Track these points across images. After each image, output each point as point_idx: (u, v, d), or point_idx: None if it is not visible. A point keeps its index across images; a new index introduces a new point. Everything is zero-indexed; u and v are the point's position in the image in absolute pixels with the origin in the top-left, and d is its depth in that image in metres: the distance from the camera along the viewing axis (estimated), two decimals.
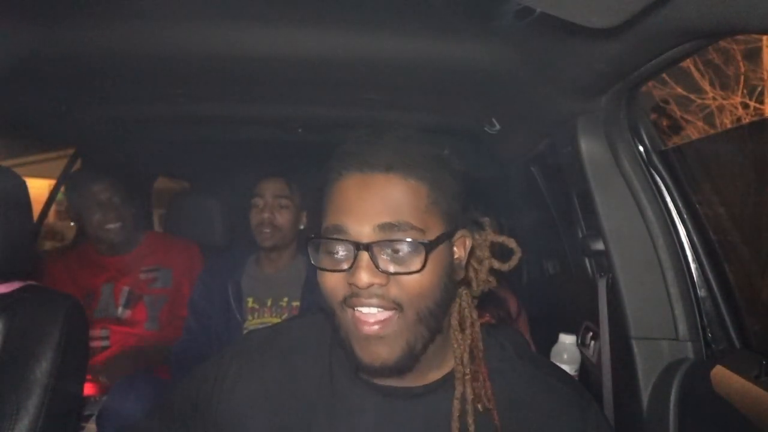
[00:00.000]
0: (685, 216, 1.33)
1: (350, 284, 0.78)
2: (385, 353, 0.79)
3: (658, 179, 1.35)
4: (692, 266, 1.32)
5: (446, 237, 0.82)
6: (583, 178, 1.40)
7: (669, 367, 1.27)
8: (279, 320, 1.96)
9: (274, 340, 0.96)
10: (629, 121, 1.34)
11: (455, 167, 0.87)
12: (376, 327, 0.78)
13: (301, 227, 2.06)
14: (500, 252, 0.95)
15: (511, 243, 0.93)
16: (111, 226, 2.09)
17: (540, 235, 2.46)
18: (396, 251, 0.78)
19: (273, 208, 1.97)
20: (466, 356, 0.86)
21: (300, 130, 2.32)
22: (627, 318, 1.32)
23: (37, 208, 1.61)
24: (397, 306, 0.79)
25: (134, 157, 2.53)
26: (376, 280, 0.77)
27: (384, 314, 0.78)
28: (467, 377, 0.85)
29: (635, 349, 1.31)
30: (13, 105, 1.75)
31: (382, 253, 0.78)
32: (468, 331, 0.87)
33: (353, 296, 0.79)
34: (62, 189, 2.51)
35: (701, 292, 1.31)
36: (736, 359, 1.16)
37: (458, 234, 0.86)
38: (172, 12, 1.24)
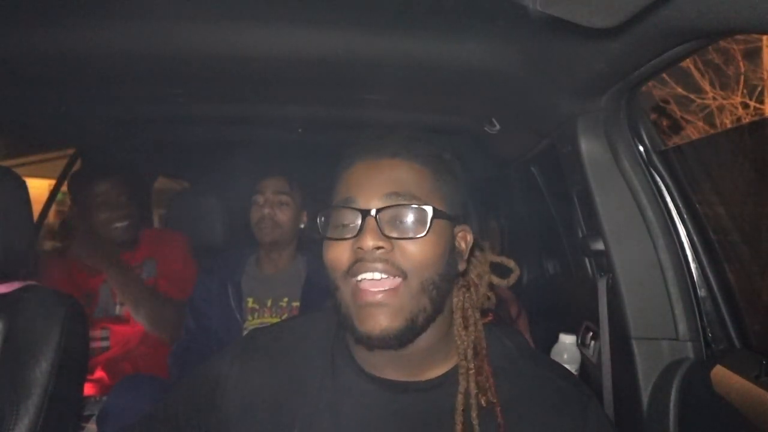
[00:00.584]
0: (685, 216, 1.33)
1: (357, 249, 0.81)
2: (386, 322, 0.81)
3: (658, 179, 1.35)
4: (692, 266, 1.32)
5: (448, 217, 0.86)
6: (583, 178, 1.40)
7: (669, 367, 1.27)
8: (279, 320, 1.96)
9: (277, 338, 0.97)
10: (629, 121, 1.34)
11: (456, 169, 0.92)
12: (379, 296, 0.81)
13: (301, 226, 2.06)
14: (500, 269, 0.99)
15: (510, 263, 0.98)
16: (119, 224, 2.09)
17: (540, 235, 2.46)
18: (401, 219, 0.83)
19: (273, 204, 1.97)
20: (470, 352, 0.87)
21: (300, 130, 2.32)
22: (627, 318, 1.32)
23: (37, 208, 1.61)
24: (401, 274, 0.82)
25: (134, 157, 2.53)
26: (381, 243, 0.81)
27: (389, 282, 0.81)
28: (471, 372, 0.86)
29: (635, 349, 1.31)
30: (13, 105, 1.76)
31: (388, 219, 0.83)
32: (471, 329, 0.89)
33: (358, 262, 0.82)
34: (62, 189, 2.51)
35: (701, 292, 1.31)
36: (736, 359, 1.17)
37: (460, 227, 0.90)
38: (172, 12, 1.24)
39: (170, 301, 2.07)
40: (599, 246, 1.43)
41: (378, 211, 0.82)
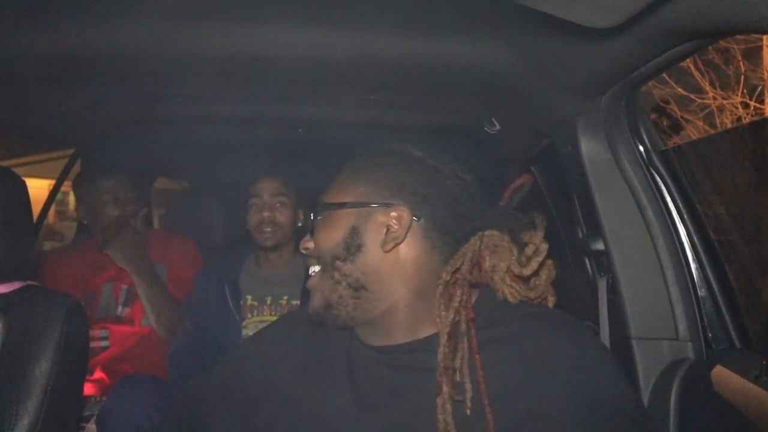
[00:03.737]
0: (685, 216, 1.33)
1: None
2: (313, 303, 0.97)
3: (658, 179, 1.35)
4: (692, 266, 1.32)
5: (342, 207, 0.96)
6: (583, 178, 1.40)
7: (669, 367, 1.27)
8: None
9: (295, 325, 1.05)
10: (629, 121, 1.34)
11: (412, 160, 0.98)
12: (312, 280, 0.98)
13: (299, 224, 2.06)
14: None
15: (540, 242, 0.95)
16: (131, 221, 2.08)
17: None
18: (311, 219, 1.02)
19: (272, 206, 1.98)
20: (444, 340, 0.88)
21: (300, 130, 2.32)
22: (627, 318, 1.32)
23: (37, 208, 1.61)
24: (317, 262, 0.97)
25: (134, 157, 2.53)
26: (306, 245, 1.00)
27: (314, 273, 0.98)
28: (446, 350, 0.87)
29: (635, 349, 1.31)
30: (13, 105, 1.75)
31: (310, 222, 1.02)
32: (452, 308, 0.90)
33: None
34: (62, 189, 2.51)
35: (701, 292, 1.31)
36: (736, 359, 1.16)
37: (386, 210, 0.94)
38: (173, 12, 1.24)
39: (181, 305, 2.07)
40: (599, 246, 1.43)
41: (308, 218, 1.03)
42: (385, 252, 0.92)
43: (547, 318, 0.94)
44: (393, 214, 0.93)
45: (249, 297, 2.00)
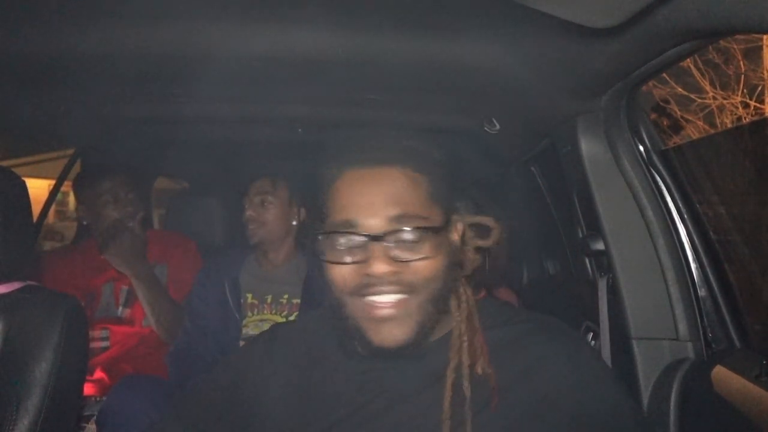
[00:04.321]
0: (685, 216, 1.33)
1: (365, 275, 0.82)
2: (399, 333, 0.83)
3: (658, 179, 1.35)
4: (692, 266, 1.32)
5: (447, 223, 0.87)
6: (583, 178, 1.40)
7: (669, 367, 1.27)
8: (279, 317, 1.96)
9: (296, 332, 1.03)
10: (629, 121, 1.34)
11: (439, 157, 0.92)
12: (390, 310, 0.83)
13: (294, 223, 2.07)
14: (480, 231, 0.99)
15: (489, 221, 0.97)
16: (129, 224, 2.08)
17: (540, 235, 2.46)
18: (406, 240, 0.83)
19: (256, 205, 2.00)
20: (463, 326, 0.89)
21: (300, 130, 2.32)
22: (627, 318, 1.32)
23: (37, 208, 1.61)
24: (410, 290, 0.83)
25: (134, 157, 2.53)
26: (392, 269, 0.82)
27: (398, 297, 0.83)
28: (464, 343, 0.88)
29: (635, 349, 1.31)
30: (14, 105, 1.75)
31: (395, 242, 0.83)
32: (464, 305, 0.91)
33: (368, 286, 0.83)
34: (62, 189, 2.51)
35: (701, 292, 1.31)
36: (736, 359, 1.17)
37: (453, 219, 0.91)
38: (172, 12, 1.24)
39: (181, 307, 2.07)
40: (599, 246, 1.43)
41: (384, 236, 0.82)
42: (452, 267, 0.90)
43: (546, 324, 0.95)
44: (458, 225, 0.92)
45: (249, 295, 2.00)
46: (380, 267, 0.81)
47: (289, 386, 0.95)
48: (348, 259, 0.84)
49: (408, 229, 0.82)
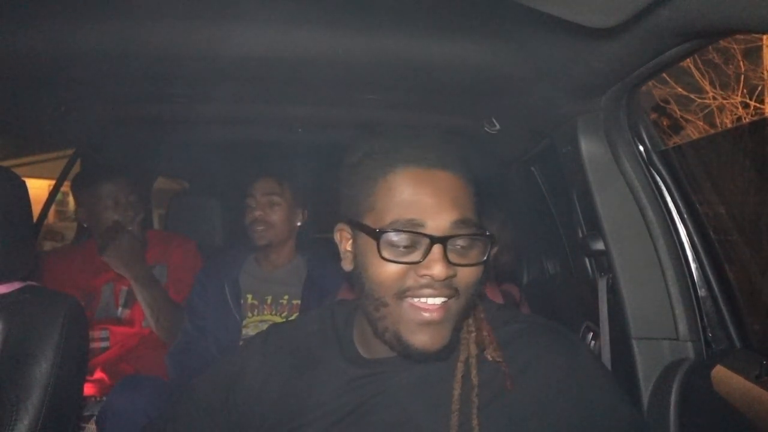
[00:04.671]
0: (685, 216, 1.33)
1: (423, 276, 0.82)
2: (440, 338, 0.84)
3: (658, 179, 1.35)
4: (692, 266, 1.32)
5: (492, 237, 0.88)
6: (583, 178, 1.40)
7: (669, 367, 1.27)
8: (279, 318, 1.96)
9: (293, 333, 1.02)
10: (629, 121, 1.34)
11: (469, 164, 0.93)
12: (437, 314, 0.83)
13: (298, 224, 2.06)
14: None
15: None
16: (130, 228, 2.07)
17: (540, 235, 2.46)
18: (462, 245, 0.84)
19: (264, 206, 1.98)
20: (470, 320, 0.91)
21: (300, 130, 2.32)
22: (627, 318, 1.32)
23: (37, 208, 1.61)
24: (456, 294, 0.84)
25: (134, 157, 2.53)
26: (450, 273, 0.82)
27: (444, 300, 0.84)
28: (472, 334, 0.89)
29: (635, 349, 1.31)
30: (13, 105, 1.75)
31: (453, 247, 0.83)
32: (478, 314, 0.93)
33: (423, 287, 0.83)
34: (62, 189, 2.51)
35: (701, 292, 1.31)
36: (736, 359, 1.16)
37: None
38: (172, 12, 1.24)
39: (181, 307, 2.07)
40: (599, 246, 1.43)
41: (448, 238, 0.82)
42: (485, 274, 0.92)
43: (544, 326, 0.96)
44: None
45: (249, 296, 2.00)
46: (441, 270, 0.81)
47: (286, 386, 0.95)
48: (405, 258, 0.83)
49: (469, 233, 0.83)
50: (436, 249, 0.81)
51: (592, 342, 1.61)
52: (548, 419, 0.85)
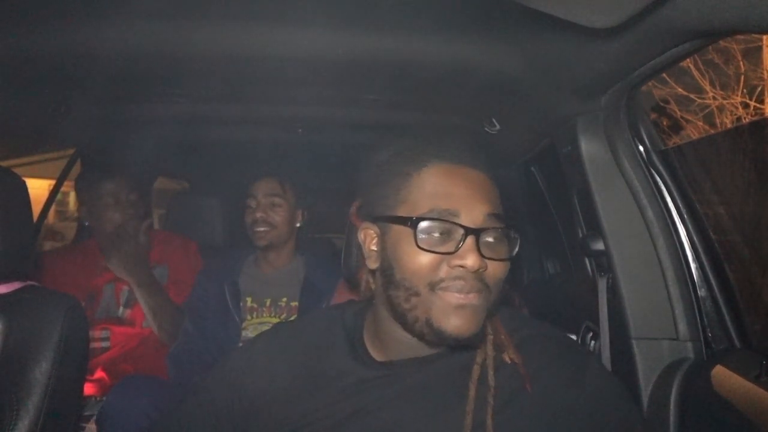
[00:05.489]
0: (685, 216, 1.33)
1: (456, 266, 0.83)
2: (474, 322, 0.84)
3: (658, 179, 1.34)
4: (692, 266, 1.32)
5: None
6: (583, 178, 1.40)
7: (669, 367, 1.27)
8: (278, 319, 1.96)
9: (299, 332, 1.02)
10: (629, 121, 1.34)
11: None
12: (467, 301, 0.83)
13: (298, 225, 2.06)
14: None
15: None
16: (132, 225, 2.07)
17: (540, 235, 2.46)
18: (494, 239, 0.86)
19: (266, 207, 1.98)
20: (487, 323, 0.91)
21: (300, 130, 2.32)
22: (627, 318, 1.32)
23: (37, 208, 1.61)
24: (486, 289, 0.85)
25: (134, 157, 2.52)
26: (482, 265, 0.83)
27: (475, 294, 0.84)
28: (489, 337, 0.90)
29: (635, 349, 1.31)
30: (13, 105, 1.75)
31: (485, 240, 0.85)
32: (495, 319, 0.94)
33: (455, 279, 0.83)
34: (62, 189, 2.51)
35: (701, 292, 1.31)
36: (736, 359, 1.16)
37: None
38: (173, 12, 1.24)
39: (181, 310, 2.07)
40: (599, 246, 1.43)
41: (482, 230, 0.84)
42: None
43: (555, 336, 0.97)
44: None
45: (249, 299, 2.00)
46: (475, 260, 0.82)
47: (293, 386, 0.95)
48: (440, 248, 0.83)
49: (501, 227, 0.85)
50: (470, 240, 0.82)
51: (592, 342, 1.61)
52: (559, 427, 0.85)
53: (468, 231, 0.83)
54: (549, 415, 0.85)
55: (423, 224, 0.84)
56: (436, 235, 0.84)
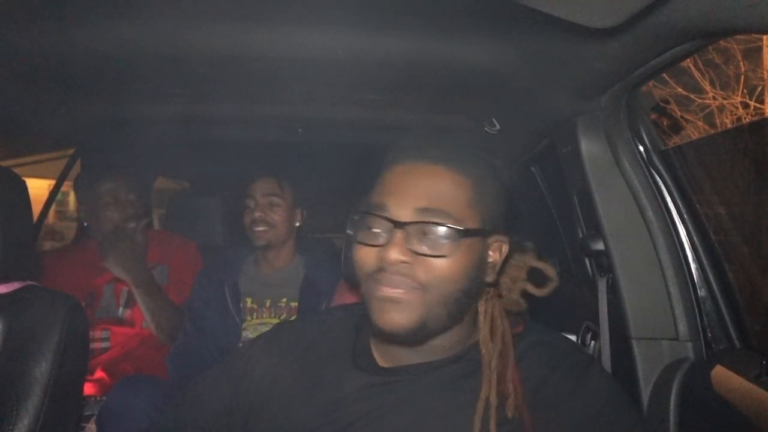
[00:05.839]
0: (685, 216, 1.33)
1: (381, 259, 0.83)
2: (398, 319, 0.82)
3: (658, 179, 1.35)
4: (692, 266, 1.32)
5: (480, 234, 0.85)
6: (583, 178, 1.40)
7: (669, 367, 1.27)
8: (278, 320, 1.96)
9: (301, 333, 1.02)
10: (629, 121, 1.34)
11: (504, 177, 0.92)
12: (396, 296, 0.82)
13: (297, 224, 2.06)
14: (536, 277, 0.99)
15: (550, 271, 0.98)
16: (131, 225, 2.07)
17: (540, 235, 2.46)
18: (428, 234, 0.82)
19: (264, 207, 1.98)
20: (494, 362, 0.87)
21: (300, 130, 2.32)
22: (627, 318, 1.32)
23: (37, 208, 1.61)
24: (420, 287, 0.82)
25: (134, 157, 2.52)
26: (404, 258, 0.81)
27: (404, 291, 0.82)
28: (493, 378, 0.86)
29: (635, 349, 1.31)
30: (13, 105, 1.75)
31: (416, 234, 0.83)
32: (498, 339, 0.89)
33: (380, 271, 0.83)
34: (62, 189, 2.51)
35: (701, 292, 1.31)
36: (736, 359, 1.16)
37: (494, 237, 0.89)
38: (172, 12, 1.24)
39: (181, 310, 2.07)
40: (599, 246, 1.43)
41: (407, 224, 0.82)
42: (487, 283, 0.90)
43: (555, 338, 0.96)
44: (497, 243, 0.90)
45: (249, 299, 2.00)
46: (394, 254, 0.81)
47: (294, 390, 0.94)
48: (371, 241, 0.84)
49: (429, 222, 0.82)
50: (397, 234, 0.82)
51: (592, 342, 1.61)
52: (570, 424, 0.84)
53: (395, 224, 0.82)
54: (552, 425, 0.85)
55: (355, 218, 0.87)
56: (368, 228, 0.85)
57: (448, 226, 0.82)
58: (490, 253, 0.89)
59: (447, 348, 0.91)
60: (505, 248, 0.91)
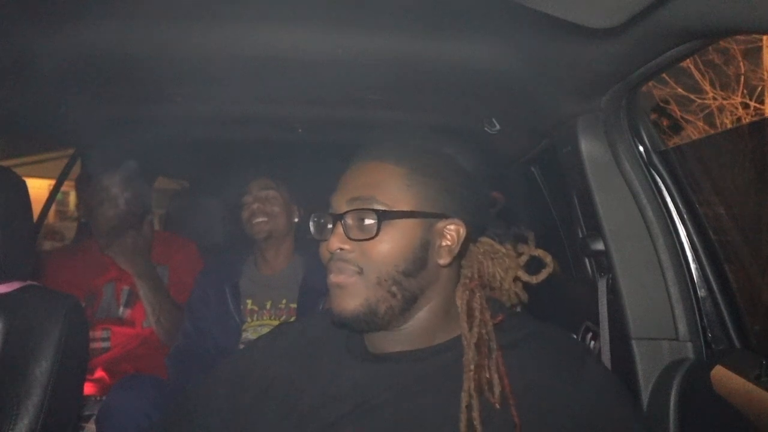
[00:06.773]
0: (685, 216, 1.33)
1: (327, 250, 0.92)
2: (345, 305, 0.89)
3: (658, 179, 1.35)
4: (692, 266, 1.32)
5: (412, 215, 0.90)
6: (583, 178, 1.40)
7: (669, 367, 1.27)
8: (277, 322, 1.96)
9: (303, 330, 1.05)
10: (629, 121, 1.34)
11: (459, 165, 0.96)
12: (341, 282, 0.90)
13: (296, 220, 2.07)
14: (533, 270, 1.01)
15: (544, 255, 1.02)
16: (131, 219, 2.07)
17: (540, 235, 2.46)
18: (361, 220, 0.89)
19: (261, 198, 2.00)
20: (471, 352, 0.88)
21: (300, 130, 2.32)
22: (627, 318, 1.32)
23: (37, 208, 1.61)
24: (359, 270, 0.89)
25: (134, 157, 2.52)
26: (342, 246, 0.89)
27: (346, 276, 0.90)
28: (471, 372, 0.87)
29: (635, 349, 1.31)
30: (14, 105, 1.75)
31: (354, 223, 0.90)
32: (475, 330, 0.90)
33: (329, 261, 0.92)
34: (62, 189, 2.51)
35: (701, 292, 1.31)
36: (736, 359, 1.16)
37: (445, 222, 0.93)
38: (173, 12, 1.24)
39: (181, 309, 2.07)
40: (599, 246, 1.43)
41: (342, 216, 0.90)
42: (443, 266, 0.93)
43: (550, 330, 0.97)
44: (451, 227, 0.93)
45: (249, 301, 2.00)
46: (333, 243, 0.90)
47: (294, 386, 0.95)
48: (323, 236, 0.94)
49: (355, 209, 0.89)
50: (337, 225, 0.91)
51: (592, 342, 1.61)
52: (556, 426, 0.84)
53: (333, 218, 0.92)
54: (546, 415, 0.85)
55: (314, 219, 0.97)
56: (322, 226, 0.96)
57: (372, 209, 0.88)
58: (441, 235, 0.92)
59: (428, 336, 0.93)
60: (463, 231, 0.93)
